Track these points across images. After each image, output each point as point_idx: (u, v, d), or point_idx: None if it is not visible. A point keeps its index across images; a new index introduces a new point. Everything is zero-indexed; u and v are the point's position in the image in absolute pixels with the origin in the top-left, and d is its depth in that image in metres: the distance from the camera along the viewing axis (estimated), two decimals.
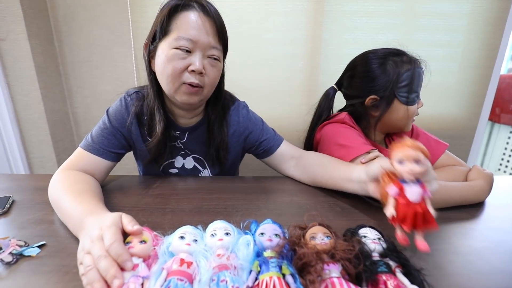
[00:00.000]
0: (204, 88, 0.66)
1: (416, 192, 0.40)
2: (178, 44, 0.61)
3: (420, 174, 0.41)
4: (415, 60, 0.76)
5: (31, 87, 1.33)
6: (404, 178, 0.42)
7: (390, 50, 0.79)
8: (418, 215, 0.40)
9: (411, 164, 0.40)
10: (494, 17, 1.38)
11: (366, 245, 0.39)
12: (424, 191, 0.41)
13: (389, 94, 0.77)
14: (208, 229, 0.42)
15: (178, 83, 0.64)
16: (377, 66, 0.78)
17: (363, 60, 0.83)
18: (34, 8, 1.29)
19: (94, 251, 0.35)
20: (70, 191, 0.55)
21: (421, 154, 0.40)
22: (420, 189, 0.41)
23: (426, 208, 0.41)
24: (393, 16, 1.37)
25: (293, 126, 1.48)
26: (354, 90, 0.85)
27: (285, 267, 0.34)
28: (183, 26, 0.61)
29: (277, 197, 0.68)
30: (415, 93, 0.76)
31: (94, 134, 0.71)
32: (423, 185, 0.41)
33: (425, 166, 0.40)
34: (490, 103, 1.53)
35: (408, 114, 0.77)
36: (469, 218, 0.58)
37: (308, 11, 1.36)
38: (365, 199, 0.65)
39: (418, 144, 0.41)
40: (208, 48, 0.63)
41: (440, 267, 0.42)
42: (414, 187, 0.41)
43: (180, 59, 0.62)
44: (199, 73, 0.63)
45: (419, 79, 0.76)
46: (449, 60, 1.44)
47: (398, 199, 0.42)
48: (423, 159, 0.40)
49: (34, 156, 1.45)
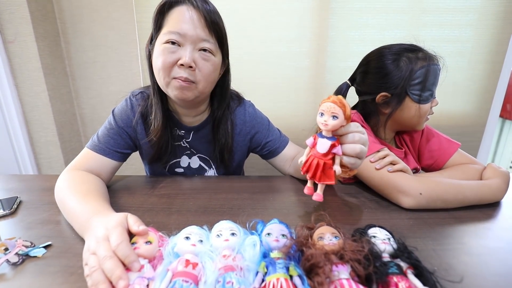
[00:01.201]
0: (197, 83, 0.65)
1: (324, 145, 0.44)
2: (167, 38, 0.61)
3: (333, 128, 0.43)
4: (431, 56, 0.73)
5: (39, 89, 1.34)
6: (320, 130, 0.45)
7: (406, 46, 0.76)
8: (319, 166, 0.44)
9: (328, 116, 0.42)
10: (504, 11, 1.34)
11: (376, 245, 0.38)
12: (334, 147, 0.44)
13: (401, 91, 0.74)
14: (213, 230, 0.42)
15: (168, 77, 0.64)
16: (390, 62, 0.75)
17: (377, 55, 0.80)
18: (41, 11, 1.30)
19: (100, 251, 0.35)
20: (76, 191, 0.55)
21: (340, 110, 0.42)
22: (329, 143, 0.44)
23: (330, 162, 0.44)
24: (400, 12, 1.35)
25: (300, 125, 1.47)
26: (366, 86, 0.82)
27: (293, 268, 0.34)
28: (173, 20, 0.62)
29: (284, 197, 0.67)
30: (428, 91, 0.73)
31: (100, 134, 0.71)
32: (337, 142, 0.45)
33: (340, 122, 0.42)
34: (500, 99, 1.49)
35: (420, 113, 0.74)
36: (482, 217, 0.57)
37: (314, 9, 1.34)
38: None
39: (342, 101, 0.43)
40: (198, 41, 0.62)
41: (453, 268, 0.41)
42: (325, 140, 0.44)
43: (169, 53, 0.62)
44: (188, 67, 0.62)
45: (434, 77, 0.72)
46: (458, 56, 1.41)
47: (311, 150, 0.46)
48: (340, 115, 0.42)
49: (42, 157, 1.47)
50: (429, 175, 0.76)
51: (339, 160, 0.45)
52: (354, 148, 0.46)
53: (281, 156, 0.82)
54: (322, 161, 0.45)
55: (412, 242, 0.46)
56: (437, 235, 0.50)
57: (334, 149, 0.44)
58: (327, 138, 0.44)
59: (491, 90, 1.46)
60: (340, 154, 0.45)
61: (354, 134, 0.46)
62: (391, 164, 0.65)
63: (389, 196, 0.63)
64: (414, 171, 0.84)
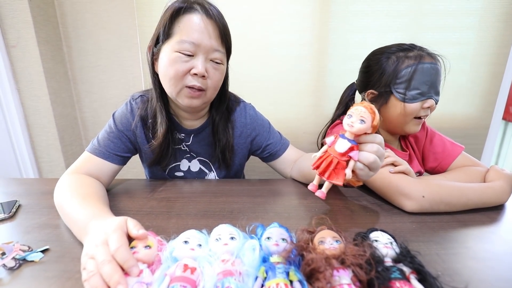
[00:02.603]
0: (206, 91, 0.65)
1: (343, 144, 0.44)
2: (181, 47, 0.61)
3: (358, 131, 0.43)
4: (423, 55, 0.71)
5: (41, 93, 1.35)
6: (344, 130, 0.45)
7: (402, 45, 0.76)
8: (331, 164, 0.44)
9: (356, 119, 0.42)
10: (505, 13, 1.33)
11: (378, 249, 0.37)
12: (352, 150, 0.44)
13: (386, 89, 0.75)
14: (213, 234, 0.41)
15: (180, 86, 0.63)
16: (377, 61, 0.77)
17: (370, 54, 0.83)
18: (43, 15, 1.31)
19: (98, 256, 0.34)
20: (75, 195, 0.54)
21: (369, 116, 0.42)
22: (348, 144, 0.44)
23: (343, 163, 0.45)
24: (401, 16, 1.35)
25: (301, 128, 1.46)
26: (359, 84, 0.86)
27: (293, 273, 0.33)
28: (186, 29, 0.61)
29: (285, 200, 0.67)
30: (416, 90, 0.71)
31: (100, 138, 0.71)
32: (356, 146, 0.45)
33: (366, 127, 0.42)
34: (503, 101, 1.48)
35: (405, 112, 0.73)
36: (487, 221, 0.56)
37: (314, 12, 1.34)
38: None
39: (373, 109, 0.43)
40: (211, 51, 0.62)
41: (458, 273, 0.40)
42: (345, 141, 0.44)
43: (182, 62, 0.61)
44: (201, 76, 0.62)
45: (427, 76, 0.70)
46: (460, 58, 1.40)
47: (328, 147, 0.46)
48: (368, 121, 0.42)
49: (43, 161, 1.47)
50: (432, 177, 0.75)
51: (353, 165, 0.45)
52: (368, 157, 0.46)
53: (282, 159, 0.81)
54: (336, 159, 0.45)
55: (415, 246, 0.45)
56: (440, 239, 0.49)
57: (351, 152, 0.44)
58: (348, 139, 0.44)
59: (494, 93, 1.45)
60: (356, 159, 0.45)
61: (374, 144, 0.46)
62: (392, 164, 0.64)
63: (391, 199, 0.62)
64: (417, 174, 0.83)
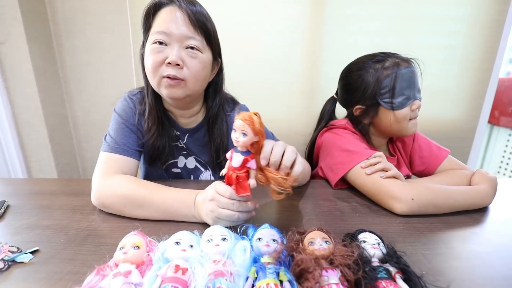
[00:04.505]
0: (186, 80, 0.65)
1: (237, 160, 0.45)
2: (154, 38, 0.63)
3: (243, 144, 0.44)
4: (398, 62, 0.73)
5: (30, 91, 1.32)
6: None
7: (373, 56, 0.77)
8: (234, 179, 0.46)
9: (239, 134, 0.43)
10: (492, 20, 1.37)
11: (365, 250, 0.38)
12: (247, 161, 0.45)
13: (373, 102, 0.76)
14: (204, 234, 0.42)
15: (158, 76, 0.64)
16: (357, 77, 0.78)
17: (346, 72, 0.85)
18: (33, 12, 1.28)
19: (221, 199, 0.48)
20: (151, 188, 0.59)
21: (248, 128, 0.43)
22: (242, 157, 0.45)
23: (243, 175, 0.46)
24: (393, 20, 1.37)
25: (293, 129, 1.47)
26: (343, 101, 0.88)
27: (283, 273, 0.34)
28: (159, 21, 0.64)
29: (276, 201, 0.67)
30: (402, 96, 0.72)
31: (114, 136, 0.69)
32: (251, 156, 0.46)
33: (250, 138, 0.43)
34: (489, 105, 1.52)
35: (397, 119, 0.75)
36: (470, 222, 0.58)
37: (308, 15, 1.35)
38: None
39: (251, 118, 0.43)
40: (184, 39, 0.63)
41: (442, 272, 0.41)
42: (238, 155, 0.45)
43: (157, 52, 0.63)
44: (176, 64, 0.63)
45: (407, 80, 0.72)
46: (448, 63, 1.44)
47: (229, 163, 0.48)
48: (249, 132, 0.43)
49: (33, 160, 1.44)
50: (419, 180, 0.77)
51: (254, 174, 0.46)
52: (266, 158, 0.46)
53: None
54: (234, 174, 0.46)
55: (402, 246, 0.46)
56: (426, 239, 0.50)
57: (248, 163, 0.45)
58: (241, 152, 0.45)
59: (481, 97, 1.49)
60: (254, 168, 0.46)
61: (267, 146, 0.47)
62: (383, 170, 0.66)
63: (382, 202, 0.64)
64: (405, 177, 0.85)
